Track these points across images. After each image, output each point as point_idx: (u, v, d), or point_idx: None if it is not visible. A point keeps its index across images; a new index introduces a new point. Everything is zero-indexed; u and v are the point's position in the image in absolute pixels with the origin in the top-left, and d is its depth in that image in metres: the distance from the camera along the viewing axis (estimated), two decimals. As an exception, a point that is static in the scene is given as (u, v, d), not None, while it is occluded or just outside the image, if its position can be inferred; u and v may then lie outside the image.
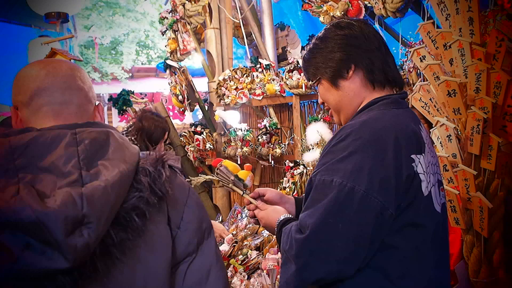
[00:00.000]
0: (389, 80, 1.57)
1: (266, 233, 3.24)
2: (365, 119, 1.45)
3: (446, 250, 1.58)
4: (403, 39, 3.88)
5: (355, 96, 1.57)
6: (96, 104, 1.28)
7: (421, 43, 2.94)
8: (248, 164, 2.26)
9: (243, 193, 1.88)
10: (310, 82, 1.67)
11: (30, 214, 0.91)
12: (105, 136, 1.11)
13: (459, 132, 2.45)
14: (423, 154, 1.44)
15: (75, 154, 1.04)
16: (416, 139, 1.44)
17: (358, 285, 1.40)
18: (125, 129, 3.17)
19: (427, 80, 2.61)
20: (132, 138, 3.07)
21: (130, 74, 15.36)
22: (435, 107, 2.58)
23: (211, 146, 4.53)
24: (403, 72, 3.55)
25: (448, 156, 2.46)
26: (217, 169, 1.96)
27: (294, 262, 1.39)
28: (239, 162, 4.25)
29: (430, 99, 2.59)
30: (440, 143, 2.52)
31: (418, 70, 3.39)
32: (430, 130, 2.53)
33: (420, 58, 2.64)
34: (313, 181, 1.43)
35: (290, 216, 1.66)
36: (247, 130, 4.28)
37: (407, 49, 3.65)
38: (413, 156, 1.40)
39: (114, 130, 1.16)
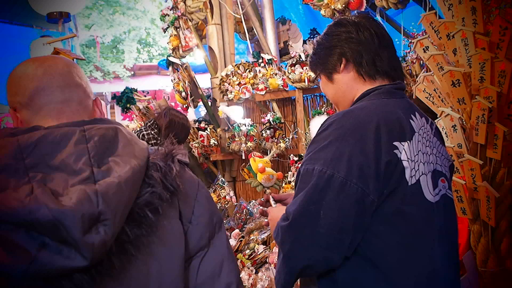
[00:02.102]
0: (379, 72, 1.60)
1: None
2: (350, 109, 1.52)
3: (450, 243, 1.56)
4: (405, 30, 3.87)
5: (348, 88, 1.63)
6: (94, 98, 1.27)
7: (424, 34, 2.93)
8: (280, 173, 2.30)
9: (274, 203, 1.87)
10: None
11: (47, 213, 0.91)
12: (113, 132, 1.10)
13: (464, 122, 2.45)
14: (408, 141, 1.44)
15: (85, 152, 1.03)
16: (400, 127, 1.46)
17: (350, 275, 1.43)
18: (146, 124, 3.14)
19: (430, 71, 2.60)
20: (152, 132, 3.04)
21: (132, 72, 15.39)
22: (439, 97, 2.58)
23: (216, 142, 4.53)
24: (406, 63, 3.53)
25: (454, 146, 2.46)
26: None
27: (281, 250, 1.45)
28: (243, 157, 4.26)
29: (434, 90, 2.59)
30: (446, 133, 2.51)
31: (421, 61, 3.38)
32: (435, 121, 2.53)
33: (423, 49, 2.64)
34: (300, 171, 1.47)
35: None
36: (251, 125, 4.28)
37: (409, 40, 3.64)
38: (395, 143, 1.42)
39: (122, 126, 1.15)
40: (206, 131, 4.60)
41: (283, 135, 4.34)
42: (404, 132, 1.45)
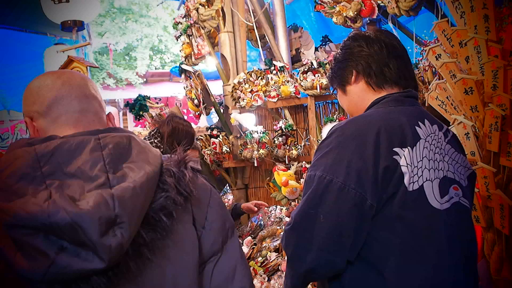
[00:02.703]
0: (388, 81, 1.65)
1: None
2: (354, 117, 1.58)
3: (464, 253, 1.53)
4: (418, 37, 3.87)
5: (359, 99, 1.69)
6: (107, 113, 1.31)
7: (436, 42, 2.93)
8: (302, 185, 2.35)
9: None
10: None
11: (65, 217, 0.94)
12: (127, 140, 1.14)
13: (477, 130, 2.44)
14: (409, 147, 1.47)
15: (101, 159, 1.06)
16: (401, 133, 1.49)
17: (354, 279, 1.47)
18: (150, 133, 3.16)
19: (443, 78, 2.60)
20: (155, 141, 3.07)
21: (144, 79, 15.47)
22: (452, 105, 2.57)
23: (228, 149, 4.55)
24: (418, 70, 3.53)
25: (467, 154, 2.45)
26: None
27: (286, 254, 1.54)
28: (256, 165, 4.27)
29: (447, 97, 2.59)
30: (458, 141, 2.51)
31: (434, 69, 3.38)
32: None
33: (435, 57, 2.64)
34: (305, 178, 1.54)
35: None
36: (263, 132, 4.29)
37: (422, 47, 3.64)
38: (396, 149, 1.45)
39: (135, 134, 1.19)
40: (218, 138, 4.62)
41: (295, 142, 4.35)
42: (405, 138, 1.48)
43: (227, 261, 1.28)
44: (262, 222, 3.80)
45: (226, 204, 4.00)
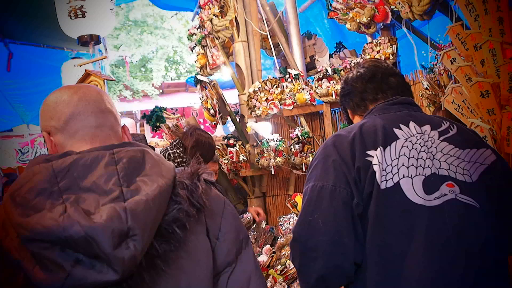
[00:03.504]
0: (370, 100, 1.85)
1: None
2: (337, 132, 1.76)
3: (467, 251, 1.48)
4: (432, 41, 3.85)
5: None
6: (122, 125, 1.34)
7: (451, 45, 2.92)
8: None
9: None
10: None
11: (79, 230, 0.96)
12: (141, 154, 1.16)
13: (495, 133, 2.43)
14: (380, 147, 1.57)
15: (115, 173, 1.08)
16: (375, 136, 1.60)
17: (363, 282, 1.51)
18: (171, 144, 3.20)
19: (458, 82, 2.59)
20: (177, 151, 3.10)
21: (161, 90, 15.59)
22: (468, 108, 2.56)
23: (245, 158, 4.57)
24: (434, 74, 3.52)
25: (485, 157, 2.43)
26: None
27: (295, 267, 1.61)
28: (273, 173, 4.27)
29: (463, 101, 2.57)
30: (476, 144, 2.48)
31: (449, 72, 3.36)
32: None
33: (450, 61, 2.63)
34: None
35: None
36: (280, 140, 4.30)
37: (436, 51, 3.63)
38: (368, 151, 1.57)
39: (149, 148, 1.21)
40: (235, 147, 4.64)
41: (312, 149, 4.35)
42: (377, 140, 1.59)
43: (241, 272, 1.29)
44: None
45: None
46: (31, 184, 1.05)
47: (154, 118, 4.70)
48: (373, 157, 1.55)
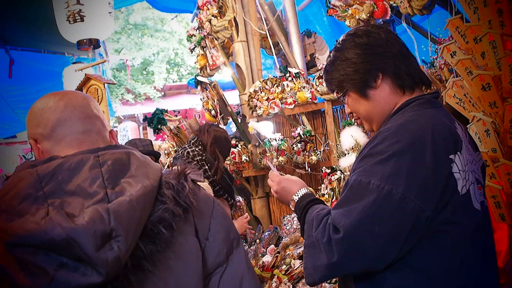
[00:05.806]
0: (417, 82, 1.56)
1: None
2: (401, 122, 1.44)
3: (490, 251, 1.53)
4: (432, 36, 3.83)
5: (385, 103, 1.56)
6: (109, 130, 1.33)
7: (451, 39, 2.90)
8: None
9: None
10: (335, 94, 1.67)
11: (60, 232, 0.96)
12: (126, 156, 1.15)
13: (497, 126, 2.40)
14: (458, 153, 1.41)
15: (99, 175, 1.08)
16: (453, 139, 1.42)
17: (393, 283, 1.41)
18: (189, 141, 3.18)
19: (459, 76, 2.57)
20: (197, 149, 3.09)
21: (163, 93, 15.61)
22: (470, 102, 2.54)
23: (247, 158, 4.55)
24: (435, 69, 3.49)
25: (488, 151, 2.41)
26: None
27: (327, 257, 1.39)
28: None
29: (465, 95, 2.55)
30: (479, 138, 2.46)
31: (450, 66, 3.34)
32: (467, 126, 2.48)
33: (450, 54, 2.61)
34: (349, 181, 1.44)
35: (310, 190, 1.68)
36: (282, 140, 4.28)
37: (436, 46, 3.60)
38: (451, 156, 1.39)
39: (135, 150, 1.20)
40: (237, 147, 4.63)
41: (314, 148, 4.33)
42: (456, 144, 1.42)
43: (233, 273, 1.27)
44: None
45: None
46: (16, 190, 1.05)
47: (155, 120, 4.71)
48: (455, 163, 1.39)
